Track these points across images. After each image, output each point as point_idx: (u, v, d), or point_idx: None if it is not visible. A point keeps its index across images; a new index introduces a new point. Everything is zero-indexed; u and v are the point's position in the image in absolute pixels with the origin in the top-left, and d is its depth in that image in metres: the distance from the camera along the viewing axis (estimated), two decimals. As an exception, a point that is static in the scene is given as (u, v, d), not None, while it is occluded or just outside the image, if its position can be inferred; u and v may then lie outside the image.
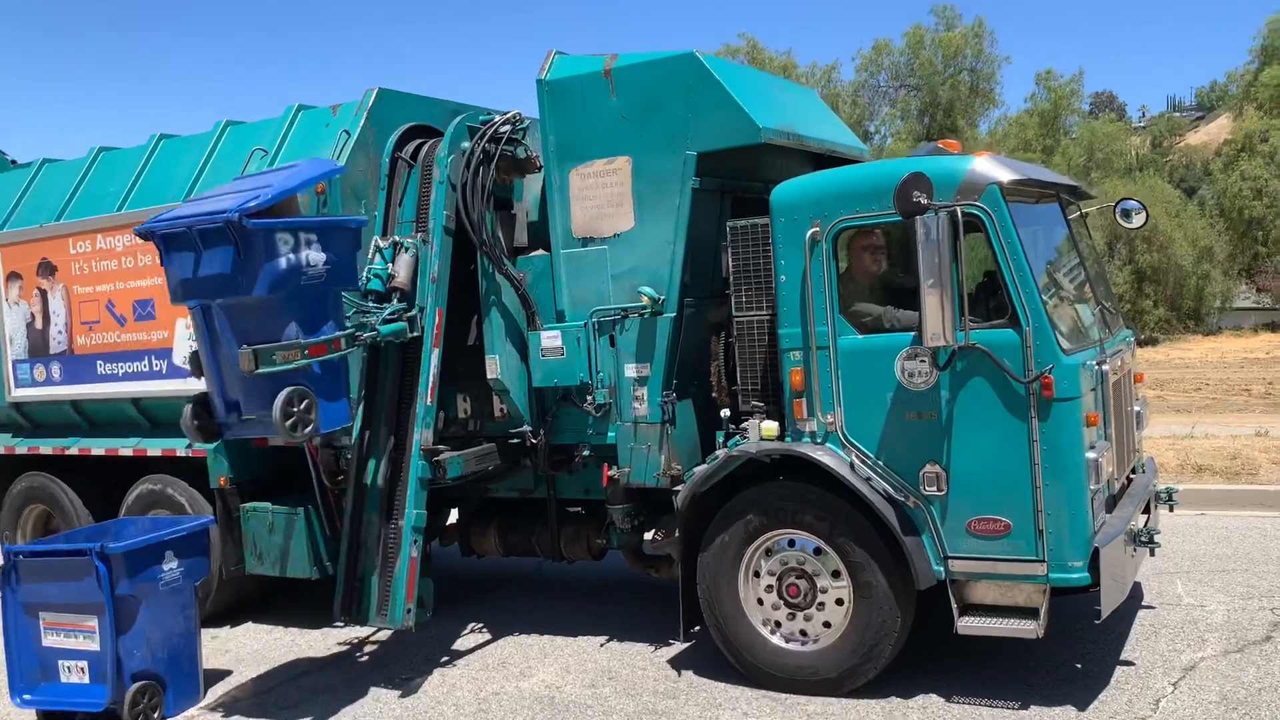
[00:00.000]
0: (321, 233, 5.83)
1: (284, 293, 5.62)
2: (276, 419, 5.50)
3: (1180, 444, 11.23)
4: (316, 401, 5.74)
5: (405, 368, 6.63)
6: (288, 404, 5.55)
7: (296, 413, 5.62)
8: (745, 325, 5.91)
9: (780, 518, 5.64)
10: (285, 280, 5.61)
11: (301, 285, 5.70)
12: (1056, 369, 5.02)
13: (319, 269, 5.77)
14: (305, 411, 5.66)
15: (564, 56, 6.63)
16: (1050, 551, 5.09)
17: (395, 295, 6.49)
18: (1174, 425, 13.09)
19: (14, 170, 9.06)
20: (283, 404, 5.52)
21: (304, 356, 5.65)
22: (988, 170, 5.22)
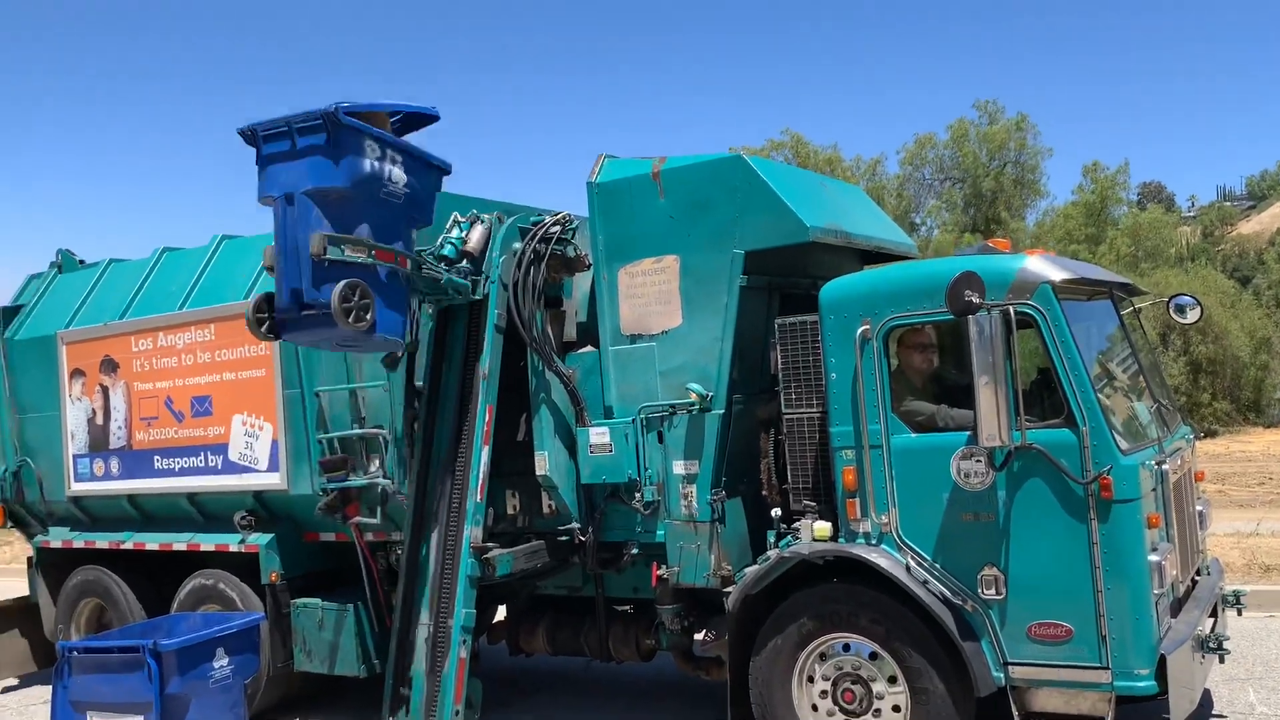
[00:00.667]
0: (407, 157, 6.07)
1: (363, 194, 5.85)
2: (335, 303, 5.62)
3: (1246, 542, 10.90)
4: (375, 300, 5.85)
5: (457, 457, 6.64)
6: (347, 291, 5.68)
7: (354, 302, 5.72)
8: (795, 423, 5.89)
9: (834, 621, 5.53)
10: (366, 182, 5.83)
11: (380, 195, 5.91)
12: (1115, 469, 4.93)
13: (399, 188, 6.00)
14: (362, 302, 5.76)
15: (613, 160, 6.78)
16: (1114, 658, 4.94)
17: (465, 259, 6.61)
18: (1238, 522, 12.71)
19: (82, 270, 9.36)
20: (342, 290, 5.65)
21: (370, 256, 5.82)
22: (1040, 269, 5.22)
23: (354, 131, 5.79)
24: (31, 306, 9.25)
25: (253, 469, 7.62)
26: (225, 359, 7.75)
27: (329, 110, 5.71)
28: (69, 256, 9.54)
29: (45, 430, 8.81)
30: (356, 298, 5.75)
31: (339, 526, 7.34)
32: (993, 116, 36.04)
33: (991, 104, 36.29)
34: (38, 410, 8.88)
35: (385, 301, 6.01)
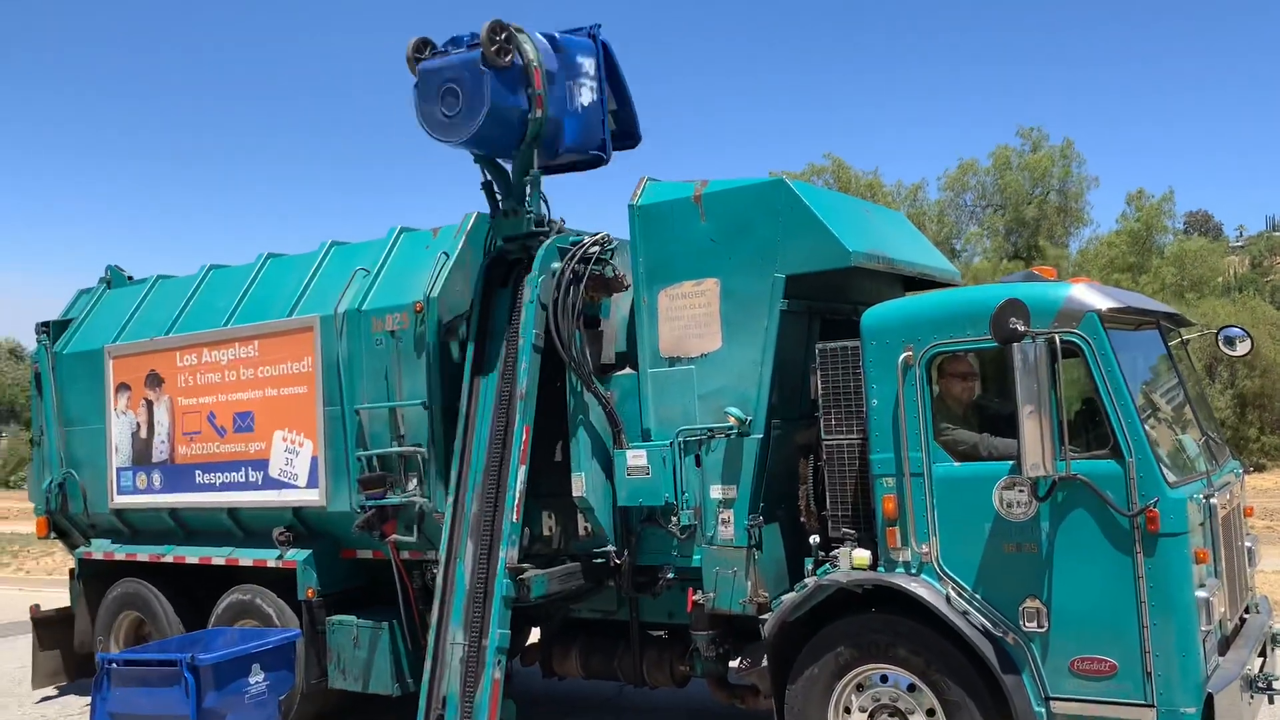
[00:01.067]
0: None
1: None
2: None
3: (1295, 579, 10.63)
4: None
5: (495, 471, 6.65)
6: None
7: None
8: (835, 449, 5.84)
9: (872, 651, 5.46)
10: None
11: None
12: (1162, 502, 4.84)
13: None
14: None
15: (655, 183, 6.79)
16: (1160, 695, 4.83)
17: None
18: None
19: (130, 286, 9.52)
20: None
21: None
22: (1086, 298, 5.15)
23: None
24: (80, 321, 9.41)
25: (292, 485, 7.67)
26: (268, 375, 7.84)
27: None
28: (118, 272, 9.70)
29: (90, 443, 8.94)
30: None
31: (376, 544, 7.36)
32: (1036, 143, 35.75)
33: (1036, 131, 36.00)
34: (84, 423, 9.01)
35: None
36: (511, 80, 6.74)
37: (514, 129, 6.88)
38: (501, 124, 6.81)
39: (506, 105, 6.77)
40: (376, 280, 7.50)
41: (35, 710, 9.10)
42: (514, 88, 6.75)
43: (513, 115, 6.83)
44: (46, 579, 16.98)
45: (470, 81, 6.66)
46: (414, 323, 7.08)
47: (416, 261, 7.41)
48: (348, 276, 7.62)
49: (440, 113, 6.80)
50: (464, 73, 6.69)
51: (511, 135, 6.89)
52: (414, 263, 7.41)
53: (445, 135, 6.85)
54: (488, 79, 6.62)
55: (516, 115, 6.83)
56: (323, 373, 7.51)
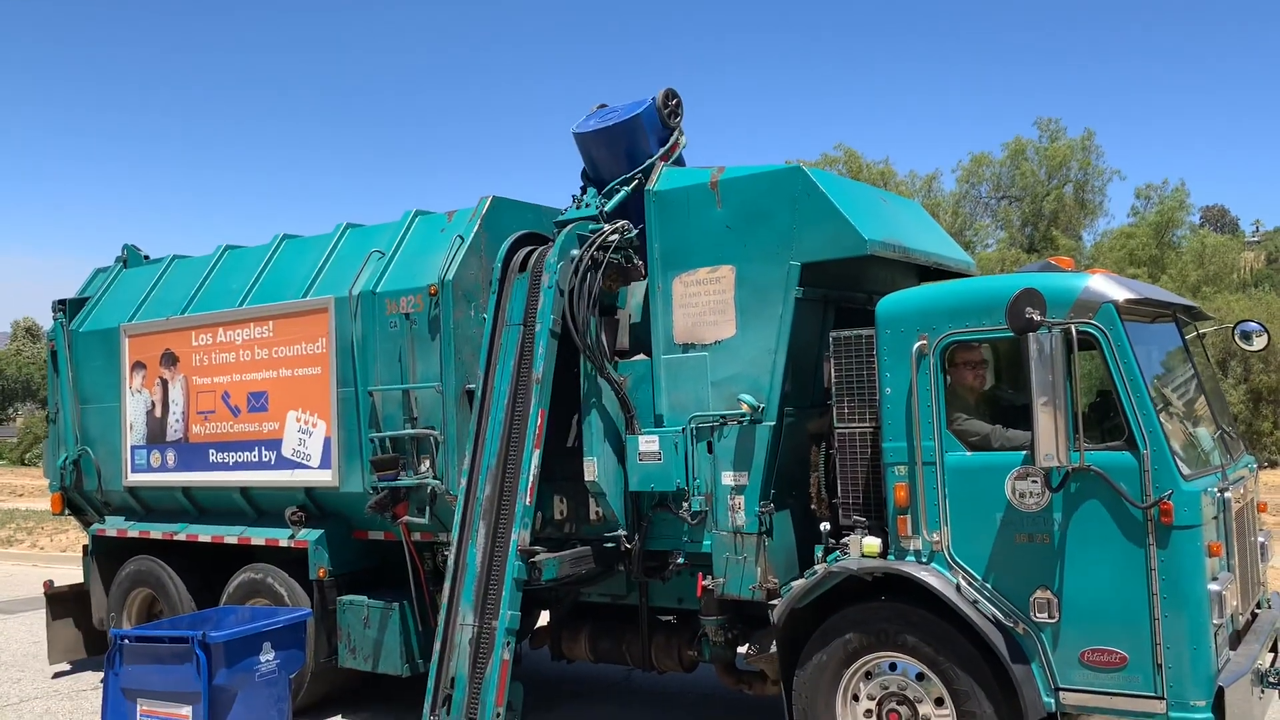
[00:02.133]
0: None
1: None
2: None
3: (1307, 576, 10.58)
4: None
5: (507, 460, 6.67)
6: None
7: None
8: (847, 437, 5.83)
9: (881, 639, 5.46)
10: None
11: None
12: (1176, 495, 4.82)
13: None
14: None
15: (671, 169, 6.78)
16: (1170, 688, 4.82)
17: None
18: (1299, 555, 12.36)
19: (146, 265, 9.56)
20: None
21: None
22: (1103, 288, 5.12)
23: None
24: (97, 299, 9.46)
25: (305, 465, 7.71)
26: (282, 356, 7.87)
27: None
28: (134, 251, 9.74)
29: (105, 421, 9.00)
30: None
31: (387, 525, 7.40)
32: (1054, 135, 35.52)
33: (1053, 122, 35.77)
34: (99, 401, 9.07)
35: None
36: (660, 133, 7.11)
37: (635, 156, 7.05)
38: (629, 141, 7.03)
39: (645, 133, 7.03)
40: (391, 262, 7.52)
41: (49, 685, 9.19)
42: (657, 136, 7.10)
43: (641, 144, 7.05)
44: (60, 555, 17.13)
45: (630, 106, 7.10)
46: (428, 305, 7.10)
47: (431, 244, 7.42)
48: (362, 258, 7.64)
49: (592, 121, 7.21)
50: (628, 105, 7.12)
51: (629, 159, 7.07)
52: (429, 245, 7.43)
53: (583, 127, 7.19)
54: (645, 105, 7.00)
55: (643, 149, 7.05)
56: (337, 354, 7.54)
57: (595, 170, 7.29)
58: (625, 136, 7.03)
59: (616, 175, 7.12)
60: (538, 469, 6.54)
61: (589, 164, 7.33)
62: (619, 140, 7.05)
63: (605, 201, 7.06)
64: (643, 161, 6.99)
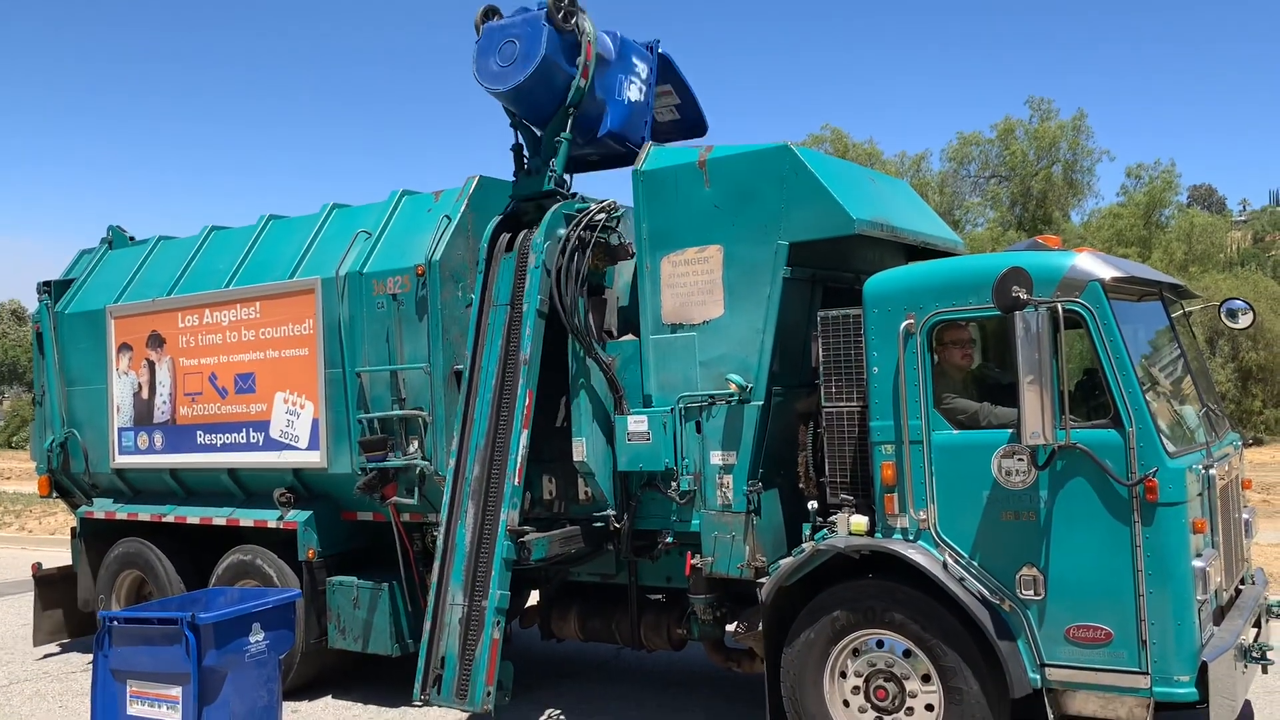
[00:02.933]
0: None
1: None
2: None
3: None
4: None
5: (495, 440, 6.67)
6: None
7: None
8: (835, 416, 5.84)
9: (868, 617, 5.49)
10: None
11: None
12: (1161, 472, 4.85)
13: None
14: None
15: (659, 148, 6.75)
16: (1154, 664, 4.86)
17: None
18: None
19: (132, 247, 9.49)
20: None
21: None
22: (1090, 267, 5.13)
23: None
24: (82, 281, 9.40)
25: (293, 446, 7.70)
26: (269, 337, 7.84)
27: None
28: (119, 233, 9.67)
29: (92, 403, 8.96)
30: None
31: (376, 506, 7.41)
32: (1045, 115, 35.48)
33: (1045, 102, 35.71)
34: (85, 383, 9.03)
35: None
36: (567, 46, 6.90)
37: (558, 91, 6.94)
38: (548, 82, 6.88)
39: (557, 63, 6.86)
40: (378, 243, 7.49)
41: (37, 667, 9.18)
42: (568, 53, 6.91)
43: (560, 76, 6.90)
44: (48, 538, 17.09)
45: (529, 36, 6.84)
46: (415, 286, 7.08)
47: (418, 224, 7.39)
48: (349, 239, 7.61)
49: (495, 63, 6.95)
50: (525, 29, 6.88)
51: (554, 96, 6.97)
52: (415, 226, 7.40)
53: (495, 83, 6.95)
54: (545, 33, 6.77)
55: (563, 78, 6.91)
56: (324, 335, 7.51)
57: (521, 111, 7.20)
58: (539, 80, 6.86)
59: (544, 114, 7.05)
60: (526, 449, 6.54)
61: (512, 106, 7.20)
62: (535, 87, 6.90)
63: (554, 164, 7.05)
64: (565, 87, 6.91)
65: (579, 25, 6.93)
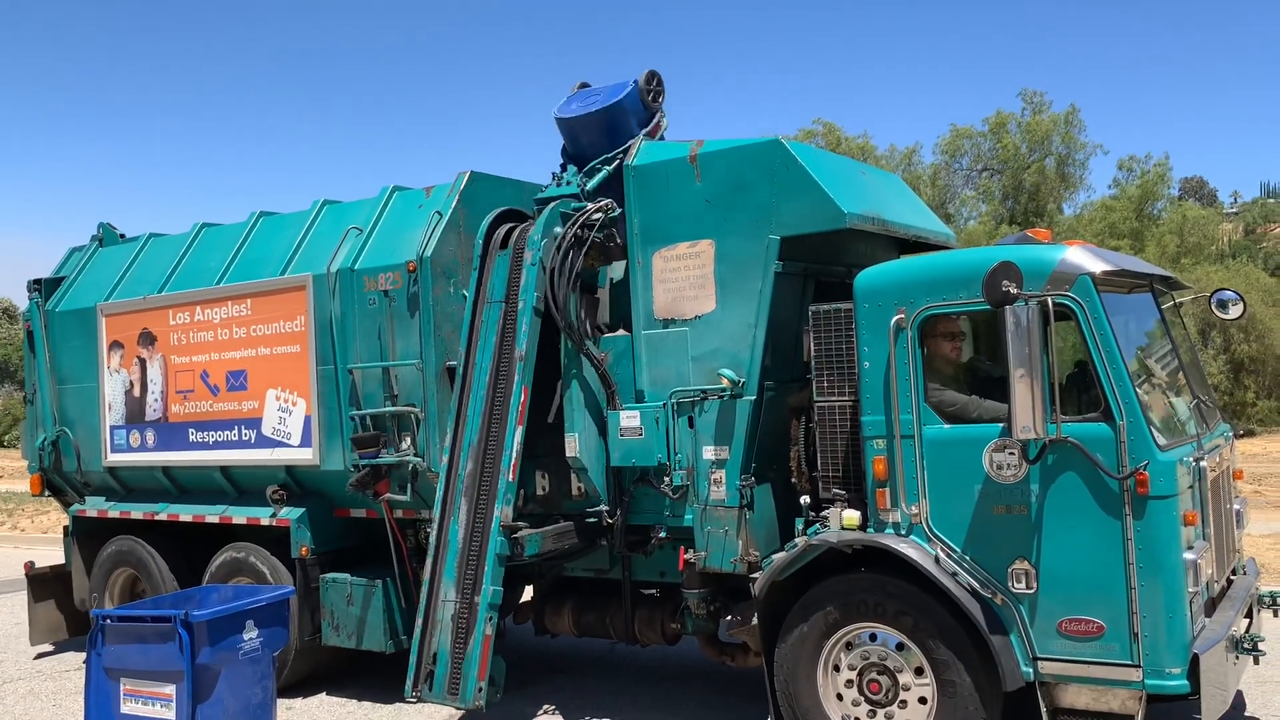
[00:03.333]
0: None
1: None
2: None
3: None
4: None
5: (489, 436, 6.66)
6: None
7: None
8: (827, 410, 5.85)
9: (861, 610, 5.50)
10: None
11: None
12: (1152, 465, 4.86)
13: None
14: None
15: (650, 142, 6.75)
16: (1146, 656, 4.88)
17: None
18: (1276, 523, 12.52)
19: (122, 244, 9.46)
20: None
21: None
22: (1080, 260, 5.14)
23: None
24: (72, 279, 9.37)
25: (285, 444, 7.68)
26: (261, 334, 7.82)
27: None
28: (109, 230, 9.64)
29: (83, 401, 8.93)
30: None
31: (369, 503, 7.39)
32: (1038, 107, 35.48)
33: (1037, 95, 35.71)
34: (77, 381, 9.00)
35: None
36: (642, 115, 7.19)
37: (616, 138, 7.06)
38: (611, 125, 7.06)
39: (627, 116, 7.08)
40: (369, 239, 7.47)
41: (31, 666, 9.17)
42: (639, 119, 7.17)
43: (624, 127, 7.09)
44: (41, 537, 17.04)
45: (613, 89, 7.15)
46: (407, 282, 7.07)
47: (409, 220, 7.37)
48: (340, 235, 7.59)
49: (575, 104, 7.23)
50: (613, 88, 7.19)
51: (610, 142, 7.09)
52: (407, 222, 7.38)
53: (566, 112, 7.20)
54: (629, 89, 7.09)
55: (626, 131, 7.08)
56: (316, 332, 7.50)
57: (577, 149, 7.26)
58: (607, 121, 7.02)
59: (598, 155, 7.09)
60: (520, 445, 6.54)
61: (570, 144, 7.30)
62: (601, 125, 7.04)
63: (586, 180, 7.04)
64: (624, 142, 6.96)
65: (659, 109, 7.25)
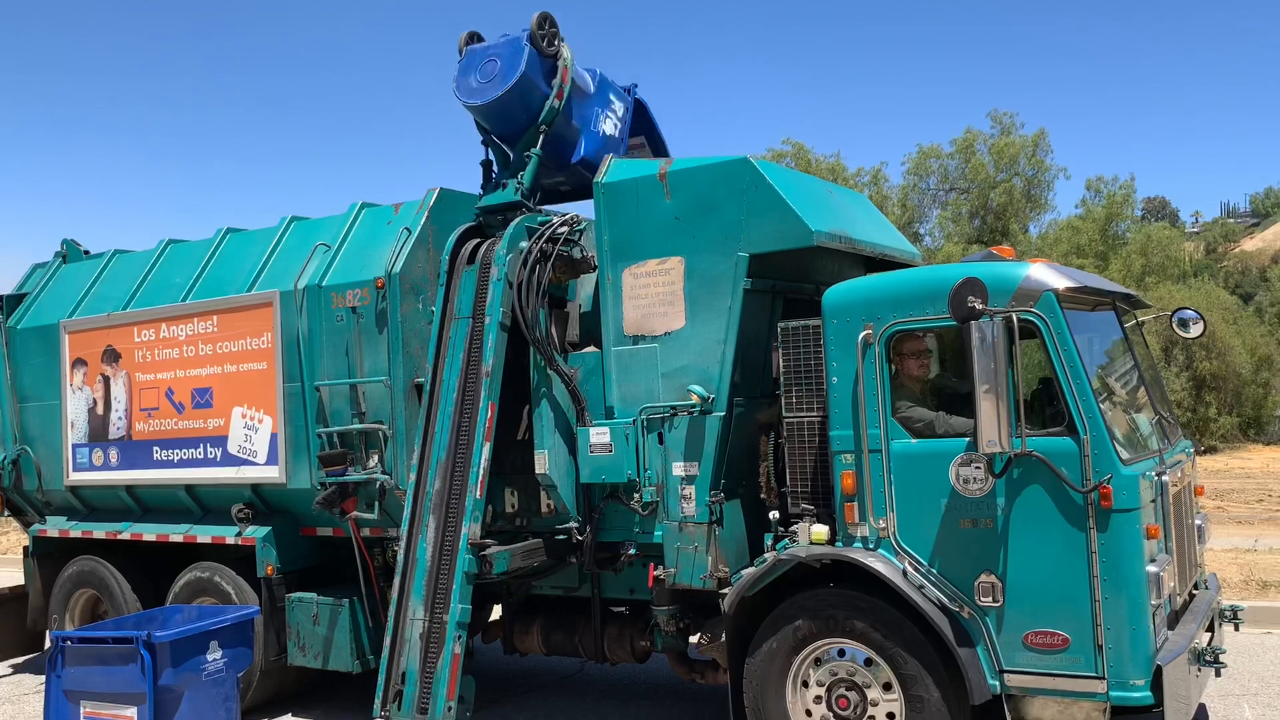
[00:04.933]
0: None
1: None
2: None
3: (1244, 559, 10.87)
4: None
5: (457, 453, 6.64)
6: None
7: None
8: (795, 426, 5.88)
9: (830, 625, 5.52)
10: None
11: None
12: (1115, 479, 4.92)
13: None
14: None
15: (620, 160, 6.78)
16: (1110, 668, 4.92)
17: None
18: (1236, 538, 12.69)
19: (86, 261, 9.36)
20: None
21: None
22: (1044, 277, 5.21)
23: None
24: (35, 295, 9.26)
25: (251, 462, 7.61)
26: (227, 351, 7.76)
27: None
28: (74, 246, 9.54)
29: (45, 419, 8.81)
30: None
31: (336, 521, 7.34)
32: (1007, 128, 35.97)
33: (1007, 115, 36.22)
34: (38, 399, 8.88)
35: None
36: (546, 68, 7.05)
37: (533, 110, 7.03)
38: (524, 99, 6.98)
39: (535, 82, 6.97)
40: (337, 256, 7.44)
41: (-11, 689, 9.00)
42: (546, 75, 7.05)
43: (536, 95, 7.00)
44: (1, 558, 16.75)
45: (510, 55, 7.00)
46: (375, 299, 7.04)
47: (378, 237, 7.35)
48: (308, 252, 7.55)
49: (475, 79, 7.08)
50: (507, 49, 7.04)
51: (529, 114, 7.05)
52: (375, 238, 7.36)
53: (474, 98, 7.05)
54: (526, 52, 6.91)
55: (539, 97, 7.01)
56: (282, 349, 7.44)
57: (495, 129, 7.28)
58: (516, 97, 6.97)
59: (516, 132, 7.11)
60: (488, 462, 6.51)
61: (485, 125, 7.30)
62: (512, 102, 6.99)
63: (522, 177, 7.08)
64: (539, 106, 7.01)
65: (559, 51, 7.08)
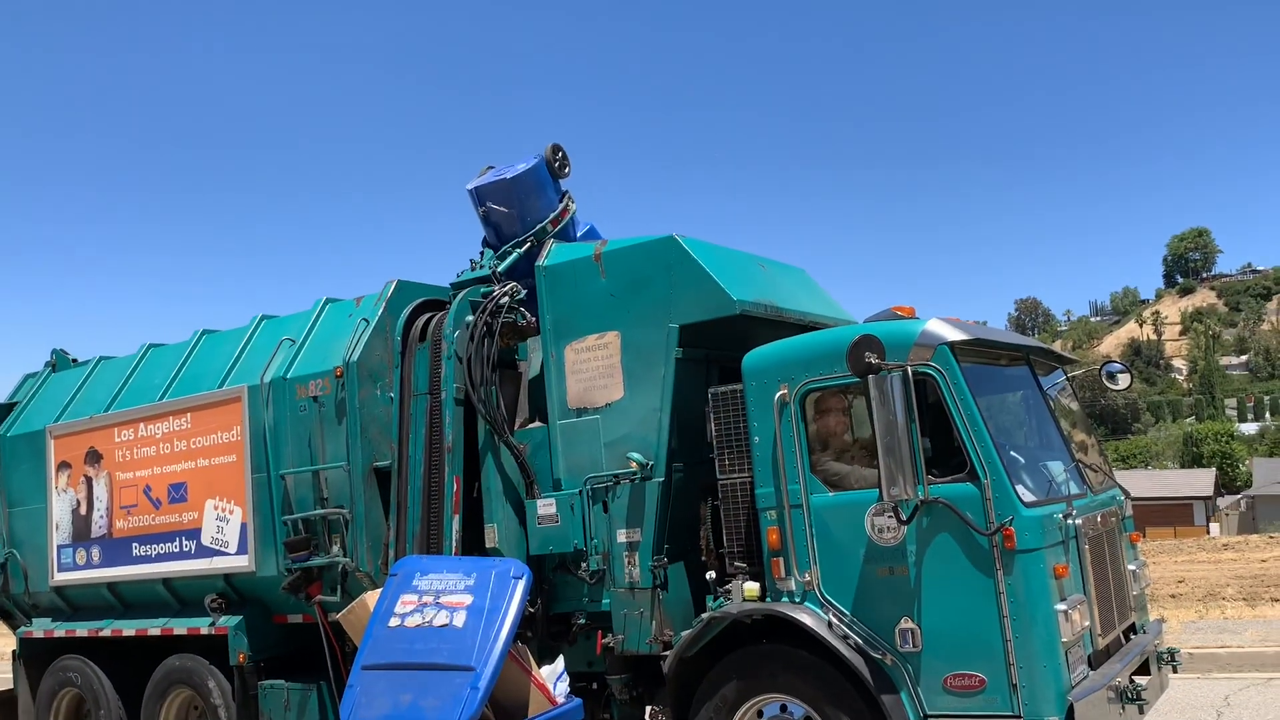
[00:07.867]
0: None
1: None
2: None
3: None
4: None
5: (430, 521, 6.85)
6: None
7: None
8: (729, 488, 6.09)
9: (763, 681, 5.65)
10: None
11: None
12: (1017, 520, 5.10)
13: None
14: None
15: (560, 244, 7.15)
16: (1025, 706, 5.03)
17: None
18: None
19: (74, 368, 9.75)
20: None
21: None
22: (939, 330, 5.47)
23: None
24: (25, 404, 9.63)
25: (223, 552, 7.84)
26: (199, 446, 8.05)
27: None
28: (62, 355, 9.95)
29: (32, 523, 9.09)
30: None
31: (305, 607, 7.51)
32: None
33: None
34: (25, 503, 9.18)
35: None
36: (555, 185, 7.55)
37: (534, 212, 7.43)
38: (526, 197, 7.41)
39: (542, 186, 7.45)
40: (302, 349, 7.78)
41: (-23, 793, 9.07)
42: (553, 189, 7.54)
43: (539, 200, 7.45)
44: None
45: (524, 161, 7.52)
46: (335, 388, 7.35)
47: (340, 329, 7.69)
48: (274, 347, 7.89)
49: (492, 173, 7.60)
50: (522, 161, 7.53)
51: (527, 216, 7.44)
52: (337, 330, 7.70)
53: (486, 179, 7.55)
54: (539, 162, 7.46)
55: (542, 202, 7.45)
56: (250, 440, 7.73)
57: (493, 230, 7.63)
58: (519, 190, 7.38)
59: (512, 234, 7.46)
60: (459, 533, 6.73)
61: (485, 223, 7.66)
62: (513, 194, 7.40)
63: (499, 263, 7.40)
64: (536, 218, 7.36)
65: (567, 175, 7.59)
